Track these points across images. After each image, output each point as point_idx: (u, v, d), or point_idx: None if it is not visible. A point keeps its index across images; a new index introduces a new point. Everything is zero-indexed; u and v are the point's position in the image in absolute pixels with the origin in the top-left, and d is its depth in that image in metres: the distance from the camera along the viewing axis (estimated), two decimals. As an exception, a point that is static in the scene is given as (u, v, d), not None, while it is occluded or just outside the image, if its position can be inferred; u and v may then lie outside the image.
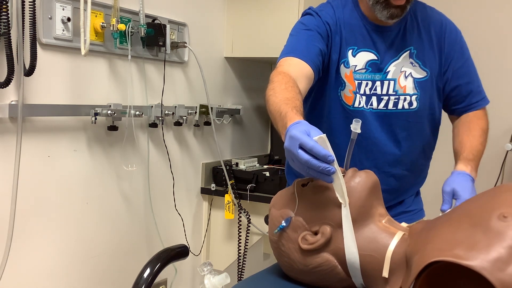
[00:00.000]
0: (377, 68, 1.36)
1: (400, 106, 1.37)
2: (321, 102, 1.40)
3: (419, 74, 1.38)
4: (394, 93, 1.36)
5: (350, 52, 1.35)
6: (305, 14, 1.39)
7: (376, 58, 1.36)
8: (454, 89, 1.43)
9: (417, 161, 1.45)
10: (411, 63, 1.38)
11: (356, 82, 1.35)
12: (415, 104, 1.38)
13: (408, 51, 1.38)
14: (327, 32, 1.33)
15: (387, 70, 1.36)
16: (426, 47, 1.39)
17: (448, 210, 1.15)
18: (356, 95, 1.35)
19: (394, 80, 1.36)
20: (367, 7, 1.36)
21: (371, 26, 1.37)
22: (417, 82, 1.37)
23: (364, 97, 1.36)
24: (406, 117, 1.38)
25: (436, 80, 1.41)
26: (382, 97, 1.36)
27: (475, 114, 1.45)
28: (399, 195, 1.47)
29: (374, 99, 1.36)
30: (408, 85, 1.37)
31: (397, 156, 1.40)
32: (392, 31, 1.37)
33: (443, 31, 1.41)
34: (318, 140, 0.89)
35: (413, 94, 1.37)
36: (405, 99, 1.37)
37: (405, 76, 1.37)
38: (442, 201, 1.23)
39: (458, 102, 1.45)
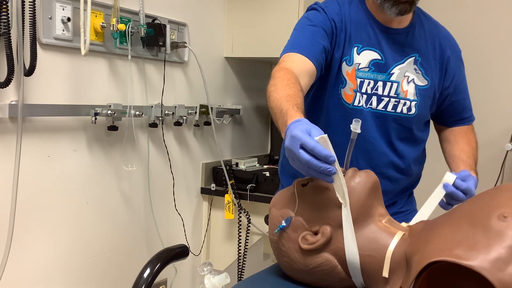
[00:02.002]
0: (380, 68, 1.36)
1: (399, 110, 1.37)
2: (321, 99, 1.39)
3: (421, 81, 1.38)
4: (396, 95, 1.36)
5: (355, 49, 1.35)
6: (310, 9, 1.39)
7: (380, 58, 1.36)
8: (453, 103, 1.48)
9: (411, 165, 1.46)
10: (415, 69, 1.38)
11: (359, 80, 1.35)
12: (413, 110, 1.38)
13: (414, 57, 1.38)
14: (332, 29, 1.33)
15: (392, 72, 1.36)
16: (430, 57, 1.40)
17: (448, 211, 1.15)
18: (356, 94, 1.35)
19: (398, 82, 1.36)
20: (373, 6, 1.36)
21: (377, 25, 1.37)
22: (419, 89, 1.38)
23: (364, 96, 1.35)
24: (402, 122, 1.39)
25: (434, 91, 1.42)
26: (382, 97, 1.36)
27: (468, 128, 1.52)
28: (392, 197, 1.47)
29: (374, 99, 1.36)
30: (410, 91, 1.37)
31: (392, 158, 1.40)
32: (399, 34, 1.37)
33: (449, 46, 1.44)
34: (319, 140, 0.89)
35: (413, 100, 1.38)
36: (404, 104, 1.37)
37: (407, 81, 1.37)
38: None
39: (453, 115, 1.51)
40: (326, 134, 0.91)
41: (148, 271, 1.20)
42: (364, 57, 1.35)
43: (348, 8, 1.37)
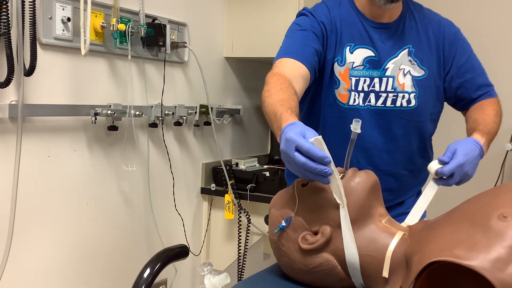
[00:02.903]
0: (374, 65, 1.36)
1: (398, 104, 1.38)
2: (318, 101, 1.40)
3: (417, 72, 1.38)
4: (393, 90, 1.37)
5: (347, 48, 1.36)
6: (299, 15, 1.40)
7: (373, 54, 1.36)
8: (461, 86, 1.44)
9: (415, 160, 1.45)
10: (410, 61, 1.38)
11: (354, 79, 1.35)
12: (413, 102, 1.38)
13: (407, 49, 1.38)
14: (322, 32, 1.34)
15: (386, 67, 1.36)
16: (424, 46, 1.40)
17: (447, 212, 1.15)
18: (350, 93, 1.36)
19: (393, 77, 1.36)
20: (362, 3, 1.37)
21: (368, 22, 1.37)
22: (416, 80, 1.38)
23: (362, 94, 1.36)
24: (404, 115, 1.39)
25: (435, 80, 1.41)
26: (380, 94, 1.36)
27: (486, 100, 1.45)
28: (400, 195, 1.47)
29: (372, 96, 1.36)
30: (406, 83, 1.37)
31: (394, 154, 1.40)
32: (390, 28, 1.38)
33: (442, 31, 1.43)
34: (314, 141, 0.89)
35: (412, 92, 1.38)
36: (403, 97, 1.37)
37: (403, 73, 1.37)
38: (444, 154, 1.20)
39: (468, 98, 1.45)
40: (321, 136, 0.91)
41: (148, 271, 1.20)
42: (358, 56, 1.36)
43: (338, 9, 1.38)
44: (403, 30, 1.39)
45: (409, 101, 1.38)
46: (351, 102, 1.36)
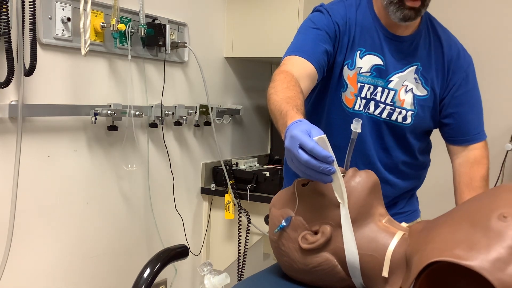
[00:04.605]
0: (380, 74, 1.35)
1: (393, 118, 1.37)
2: (322, 102, 1.39)
3: (420, 91, 1.37)
4: (392, 103, 1.36)
5: (358, 53, 1.34)
6: (315, 10, 1.37)
7: (382, 63, 1.34)
8: (450, 116, 1.41)
9: (408, 172, 1.45)
10: (415, 79, 1.36)
11: (359, 84, 1.34)
12: (409, 120, 1.37)
13: (415, 67, 1.36)
14: (335, 32, 1.32)
15: (390, 79, 1.35)
16: (433, 67, 1.38)
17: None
18: (357, 98, 1.35)
19: (395, 90, 1.35)
20: (381, 10, 1.34)
21: (382, 31, 1.35)
22: (417, 99, 1.36)
23: (364, 101, 1.35)
24: (397, 130, 1.38)
25: (435, 101, 1.39)
26: (379, 103, 1.36)
27: (475, 158, 1.42)
28: (393, 199, 1.47)
29: (372, 104, 1.36)
30: (407, 100, 1.36)
31: (387, 163, 1.40)
32: (403, 42, 1.36)
33: (453, 55, 1.39)
34: (318, 140, 0.89)
35: (410, 110, 1.36)
36: (400, 112, 1.36)
37: (405, 90, 1.36)
38: None
39: (455, 130, 1.43)
40: (325, 135, 0.90)
41: (148, 271, 1.20)
42: (366, 62, 1.34)
43: (354, 11, 1.36)
44: (416, 47, 1.36)
45: (405, 118, 1.37)
46: (356, 107, 1.35)
